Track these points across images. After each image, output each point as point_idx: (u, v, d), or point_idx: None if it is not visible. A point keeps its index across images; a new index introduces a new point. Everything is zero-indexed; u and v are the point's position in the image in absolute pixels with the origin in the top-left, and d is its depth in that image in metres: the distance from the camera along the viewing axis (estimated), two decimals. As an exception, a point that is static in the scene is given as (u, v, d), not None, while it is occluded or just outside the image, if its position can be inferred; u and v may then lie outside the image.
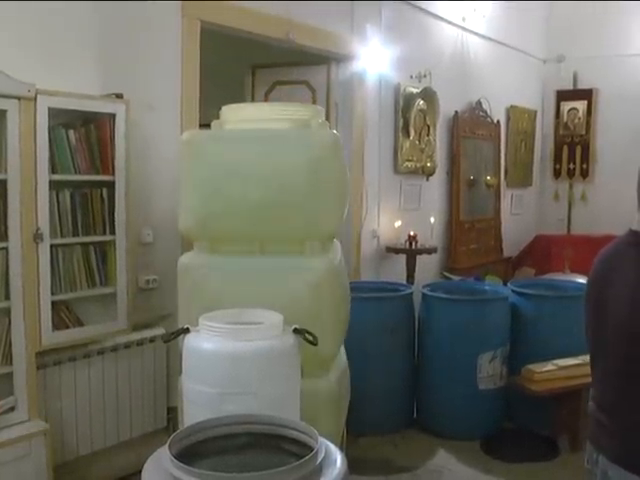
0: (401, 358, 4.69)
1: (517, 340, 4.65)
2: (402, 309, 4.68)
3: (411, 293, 4.79)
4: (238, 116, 2.61)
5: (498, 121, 7.29)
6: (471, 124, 6.78)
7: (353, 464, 3.78)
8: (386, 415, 4.62)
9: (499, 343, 4.54)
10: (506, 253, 7.52)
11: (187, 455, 1.66)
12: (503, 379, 4.59)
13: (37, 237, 3.15)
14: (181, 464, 1.57)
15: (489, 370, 4.50)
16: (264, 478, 1.53)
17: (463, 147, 6.69)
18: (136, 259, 3.73)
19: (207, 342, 2.07)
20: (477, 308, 4.56)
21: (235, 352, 2.02)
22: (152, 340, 3.79)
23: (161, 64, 3.88)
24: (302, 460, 1.60)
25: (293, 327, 2.13)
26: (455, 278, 6.08)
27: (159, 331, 3.80)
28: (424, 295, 4.74)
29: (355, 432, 4.25)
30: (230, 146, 2.53)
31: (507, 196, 7.69)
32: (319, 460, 1.63)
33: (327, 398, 2.53)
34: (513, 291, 4.79)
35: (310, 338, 2.12)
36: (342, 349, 2.90)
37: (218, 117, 2.77)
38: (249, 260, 2.51)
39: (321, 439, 1.70)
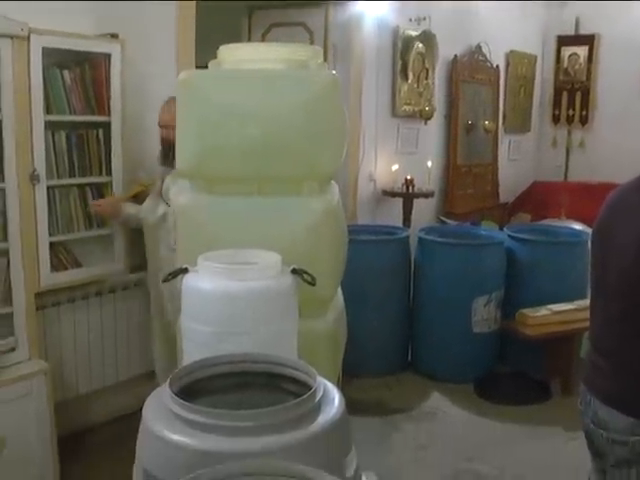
0: (396, 301, 4.74)
1: (512, 285, 4.69)
2: (398, 252, 4.71)
3: (407, 237, 4.81)
4: (235, 56, 2.57)
5: (497, 66, 7.21)
6: (470, 68, 6.71)
7: (348, 405, 3.85)
8: (381, 357, 4.70)
9: (494, 287, 4.57)
10: (503, 199, 7.52)
11: (186, 393, 1.67)
12: (497, 323, 4.65)
13: (33, 178, 3.13)
14: (181, 400, 1.59)
15: (484, 314, 4.55)
16: (262, 415, 1.55)
17: (462, 91, 6.62)
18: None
19: (204, 282, 2.07)
20: (473, 252, 4.58)
21: (232, 291, 2.02)
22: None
23: (157, 4, 3.80)
24: (301, 398, 1.61)
25: (291, 267, 2.14)
26: (451, 223, 6.10)
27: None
28: (420, 239, 4.76)
29: (350, 374, 4.28)
30: (227, 86, 2.50)
31: (505, 142, 7.64)
32: (317, 398, 1.64)
33: (325, 339, 2.54)
34: (509, 236, 4.81)
35: (308, 279, 2.13)
36: (339, 291, 2.91)
37: (215, 58, 2.74)
38: (247, 200, 2.49)
39: (319, 378, 1.71)
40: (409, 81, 5.86)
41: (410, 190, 5.67)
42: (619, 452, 1.96)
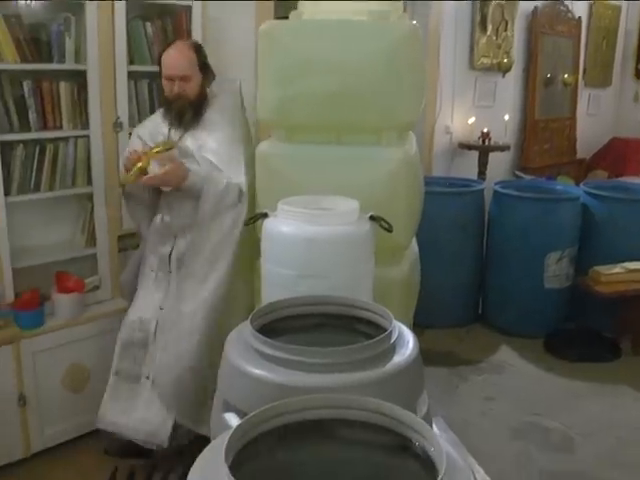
0: (470, 254, 4.76)
1: (586, 241, 4.64)
2: (473, 205, 4.71)
3: (482, 190, 4.80)
4: (316, 7, 2.60)
5: (579, 17, 6.99)
6: (551, 20, 6.52)
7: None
8: (452, 309, 4.74)
9: (568, 243, 4.53)
10: (580, 154, 7.35)
11: (266, 331, 1.75)
12: (570, 280, 4.62)
13: (116, 125, 3.24)
14: (262, 337, 1.67)
15: (556, 270, 4.52)
16: (339, 353, 1.61)
17: (541, 44, 6.45)
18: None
19: (284, 226, 2.14)
20: (548, 207, 4.53)
21: (311, 236, 2.08)
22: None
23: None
24: (377, 338, 1.67)
25: (369, 214, 2.19)
26: (527, 177, 6.02)
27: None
28: (495, 192, 4.74)
29: (421, 325, 4.33)
30: (308, 36, 2.53)
31: (584, 96, 7.43)
32: (393, 340, 1.70)
33: (399, 286, 2.59)
34: (585, 192, 4.73)
35: (386, 225, 2.18)
36: (414, 241, 2.95)
37: (295, 9, 2.77)
38: (326, 149, 2.55)
39: (395, 321, 1.77)
40: (488, 33, 5.75)
41: (486, 143, 5.61)
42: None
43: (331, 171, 2.51)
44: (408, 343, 1.74)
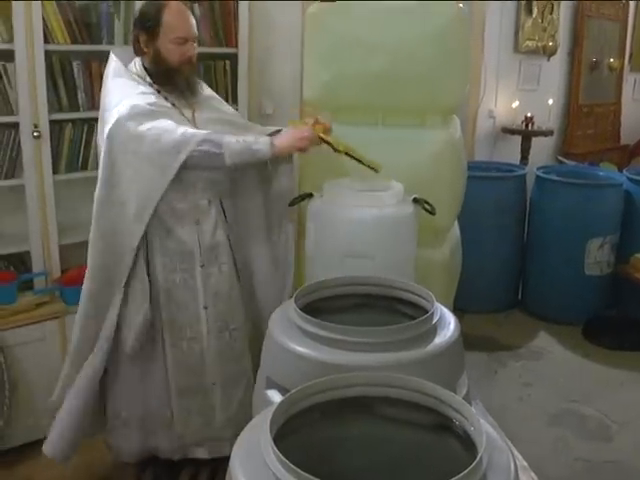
0: (511, 239, 4.74)
1: (629, 229, 4.59)
2: (515, 190, 4.69)
3: (524, 175, 4.78)
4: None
5: (627, 0, 6.87)
6: (597, 3, 6.42)
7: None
8: (492, 294, 4.74)
9: (610, 230, 4.50)
10: (624, 140, 7.25)
11: (309, 310, 1.79)
12: (611, 266, 4.58)
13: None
14: (306, 315, 1.71)
15: (597, 256, 4.49)
16: (382, 333, 1.64)
17: (587, 27, 6.35)
18: (256, 130, 3.84)
19: (331, 207, 2.17)
20: (590, 193, 4.49)
21: (356, 217, 2.12)
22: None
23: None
24: (419, 319, 1.70)
25: (413, 196, 2.21)
26: (570, 163, 5.96)
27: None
28: (538, 177, 4.71)
29: (461, 309, 4.34)
30: (355, 18, 2.56)
31: (630, 81, 7.32)
32: (434, 321, 1.72)
33: (440, 268, 2.62)
34: (628, 178, 4.67)
35: (428, 208, 2.20)
36: (456, 224, 2.96)
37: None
38: (370, 130, 2.58)
39: (437, 302, 1.79)
40: (533, 15, 5.70)
41: (529, 128, 5.57)
42: None
43: (376, 153, 2.52)
44: (449, 325, 1.77)
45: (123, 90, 2.32)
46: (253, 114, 3.72)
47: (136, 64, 2.43)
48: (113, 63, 2.44)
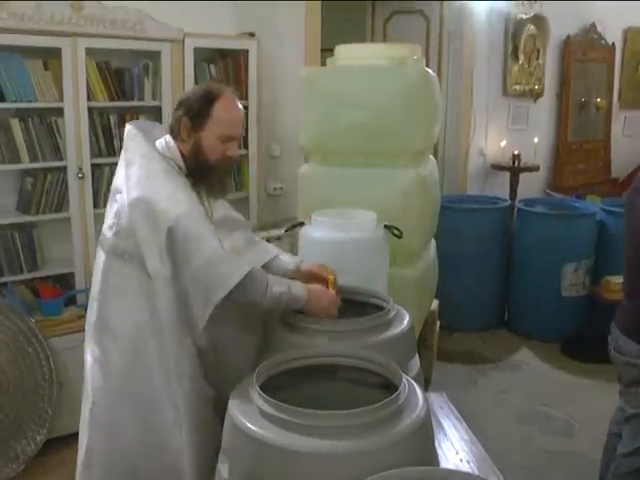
0: (496, 265, 5.27)
1: (602, 254, 5.07)
2: (498, 220, 5.25)
3: (507, 207, 5.34)
4: (349, 54, 3.22)
5: (613, 43, 7.33)
6: (584, 47, 6.89)
7: (445, 355, 4.46)
8: (479, 315, 5.26)
9: (583, 255, 4.99)
10: (615, 174, 7.65)
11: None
12: (586, 288, 5.06)
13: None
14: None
15: (572, 279, 4.98)
16: (346, 324, 2.15)
17: (574, 70, 6.85)
18: (266, 170, 4.45)
19: (317, 232, 2.70)
20: (564, 222, 5.04)
21: (337, 240, 2.64)
22: (278, 238, 4.43)
23: (287, 3, 4.46)
24: (379, 313, 2.21)
25: (384, 224, 2.75)
26: (557, 195, 6.44)
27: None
28: (518, 209, 5.26)
29: (450, 328, 4.92)
30: (339, 80, 3.17)
31: (620, 118, 7.75)
32: (391, 315, 2.24)
33: (412, 284, 3.15)
34: (602, 209, 5.18)
35: (396, 232, 2.73)
36: (432, 249, 3.52)
37: (334, 50, 3.39)
38: (354, 171, 3.16)
39: (393, 302, 2.31)
40: (520, 62, 6.24)
41: (517, 164, 6.09)
42: (630, 373, 2.50)
43: (358, 188, 3.10)
44: (404, 319, 2.27)
45: (164, 179, 2.06)
46: (263, 156, 4.32)
47: (169, 145, 2.16)
48: (138, 139, 2.17)
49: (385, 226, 2.76)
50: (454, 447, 2.65)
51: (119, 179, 2.14)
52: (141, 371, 2.10)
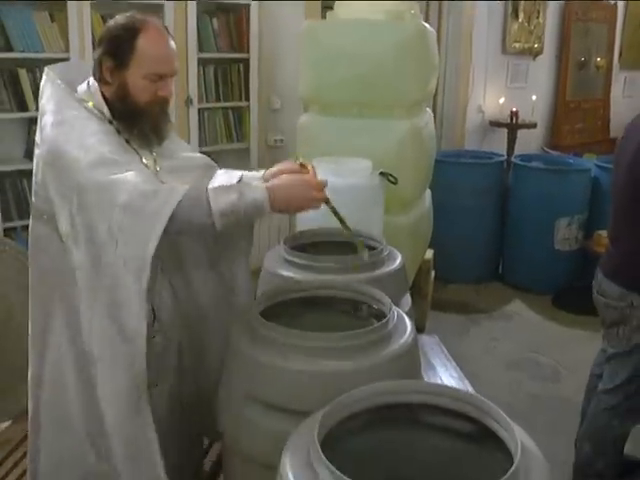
0: (491, 218, 5.39)
1: (596, 210, 5.16)
2: (494, 175, 5.36)
3: (502, 162, 5.44)
4: (348, 9, 3.31)
5: (615, 3, 7.36)
6: (585, 7, 6.94)
7: (440, 305, 4.60)
8: (474, 267, 5.39)
9: (577, 210, 5.10)
10: (614, 134, 7.70)
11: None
12: (578, 242, 5.18)
13: (188, 102, 4.02)
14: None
15: (565, 233, 5.10)
16: (338, 260, 2.27)
17: (575, 29, 6.90)
18: (266, 122, 4.55)
19: (316, 178, 2.84)
20: (559, 177, 5.14)
21: (334, 186, 2.72)
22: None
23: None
24: (372, 252, 2.34)
25: (380, 171, 2.87)
26: (553, 153, 6.53)
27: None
28: (514, 164, 5.35)
29: (446, 279, 5.05)
30: (338, 34, 3.26)
31: (620, 78, 7.81)
32: (385, 254, 2.36)
33: (406, 231, 3.28)
34: (597, 165, 5.28)
35: (392, 179, 2.85)
36: (427, 199, 3.64)
37: (334, 4, 3.49)
38: (351, 121, 3.27)
39: (385, 243, 2.43)
40: (520, 20, 6.30)
41: (514, 121, 6.18)
42: (612, 315, 2.63)
43: (355, 138, 3.21)
44: (396, 258, 2.41)
45: (81, 127, 1.78)
46: (263, 108, 4.43)
47: (91, 88, 1.87)
48: (52, 84, 1.87)
49: (381, 173, 2.88)
50: (442, 383, 2.79)
51: (37, 132, 1.86)
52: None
